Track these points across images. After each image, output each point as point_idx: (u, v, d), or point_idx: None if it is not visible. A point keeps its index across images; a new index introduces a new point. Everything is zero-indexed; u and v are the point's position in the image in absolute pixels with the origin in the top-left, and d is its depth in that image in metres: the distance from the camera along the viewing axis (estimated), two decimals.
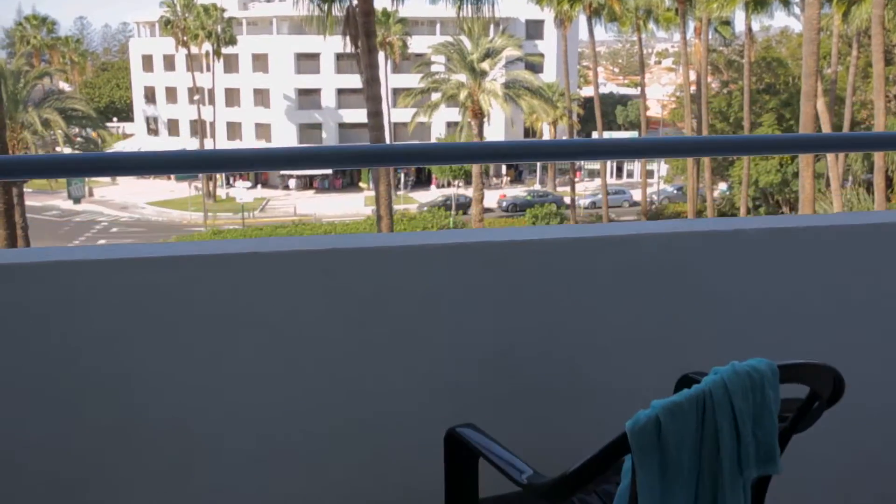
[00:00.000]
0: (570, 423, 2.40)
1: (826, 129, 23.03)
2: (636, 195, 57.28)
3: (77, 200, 56.52)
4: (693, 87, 42.59)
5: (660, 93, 63.48)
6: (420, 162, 2.43)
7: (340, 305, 2.23)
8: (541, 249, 2.34)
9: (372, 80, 20.17)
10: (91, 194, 60.90)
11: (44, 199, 54.07)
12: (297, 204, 60.72)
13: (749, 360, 1.62)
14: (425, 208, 54.71)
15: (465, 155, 2.44)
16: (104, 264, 2.12)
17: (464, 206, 54.78)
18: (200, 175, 58.63)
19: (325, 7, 29.51)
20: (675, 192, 58.61)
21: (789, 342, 2.48)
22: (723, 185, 49.41)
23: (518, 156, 2.50)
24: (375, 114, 20.11)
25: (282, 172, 60.94)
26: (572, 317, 2.37)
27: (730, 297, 2.46)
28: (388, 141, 27.91)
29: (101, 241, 50.72)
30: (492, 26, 46.30)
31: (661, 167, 56.18)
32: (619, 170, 62.26)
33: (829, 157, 26.64)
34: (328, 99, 61.57)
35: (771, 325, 2.49)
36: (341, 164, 2.54)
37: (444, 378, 2.33)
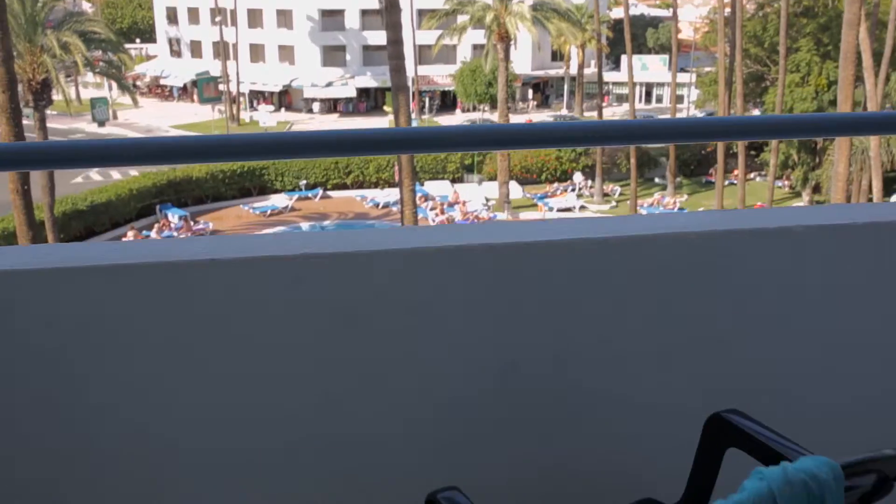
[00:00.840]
0: (583, 447, 2.11)
1: (866, 57, 22.02)
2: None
3: (101, 123, 56.31)
4: (727, 10, 41.11)
5: (693, 14, 61.46)
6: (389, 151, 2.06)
7: (311, 320, 1.93)
8: (546, 252, 2.01)
9: (391, 6, 19.41)
10: (115, 117, 60.71)
11: (68, 123, 54.01)
12: (321, 127, 60.04)
13: (804, 462, 1.28)
14: None
15: (452, 142, 2.07)
16: (41, 275, 1.84)
17: None
18: (224, 97, 58.15)
19: None
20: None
21: (837, 366, 2.15)
22: (756, 112, 48.17)
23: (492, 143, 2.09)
24: (395, 42, 19.43)
25: (306, 95, 60.29)
26: (584, 328, 2.05)
27: (769, 306, 2.11)
28: (408, 68, 27.11)
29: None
30: None
31: (691, 92, 54.81)
32: (649, 94, 60.89)
33: (869, 86, 25.62)
34: (352, 20, 60.29)
35: (815, 342, 2.15)
36: (342, 152, 2.17)
37: (434, 400, 2.03)
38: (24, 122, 34.42)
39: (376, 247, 1.98)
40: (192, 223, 36.79)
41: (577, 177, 40.97)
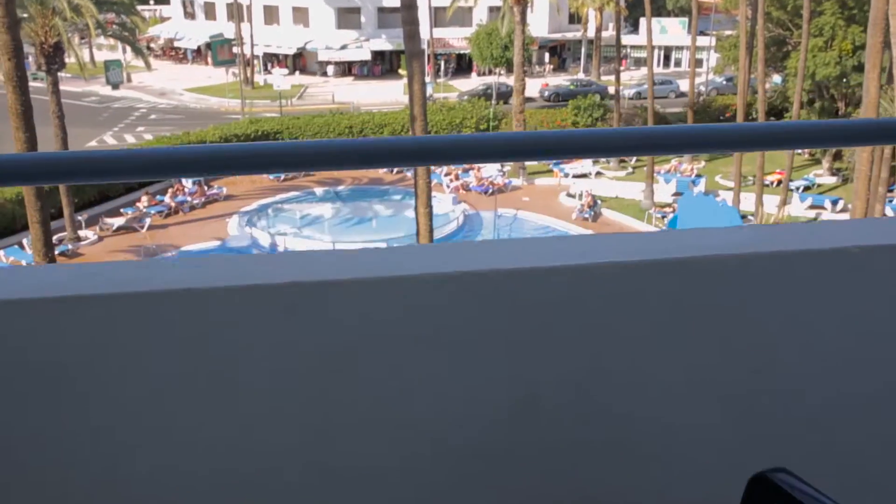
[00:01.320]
0: (611, 490, 1.91)
1: (894, 23, 21.40)
2: (683, 85, 55.32)
3: (115, 86, 56.10)
4: None
5: None
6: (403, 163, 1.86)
7: (304, 356, 1.73)
8: (566, 278, 1.79)
9: None
10: (129, 80, 60.41)
11: (82, 86, 53.76)
12: (335, 91, 59.81)
13: None
14: (465, 98, 53.42)
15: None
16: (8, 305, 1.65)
17: (505, 95, 53.38)
18: (238, 60, 57.71)
19: None
20: (725, 83, 56.42)
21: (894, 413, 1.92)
22: (776, 78, 47.32)
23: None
24: (409, 6, 18.99)
25: (320, 58, 59.72)
26: (609, 359, 1.84)
27: (818, 336, 1.89)
28: (423, 31, 26.56)
29: (140, 129, 50.61)
30: None
31: (710, 56, 53.90)
32: (667, 58, 60.00)
33: (895, 52, 24.92)
34: None
35: (865, 378, 1.93)
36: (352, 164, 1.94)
37: (446, 441, 1.84)
38: (38, 84, 34.30)
39: (380, 273, 1.78)
40: (205, 188, 36.68)
41: None
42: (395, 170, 40.30)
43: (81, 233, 31.39)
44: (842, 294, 1.82)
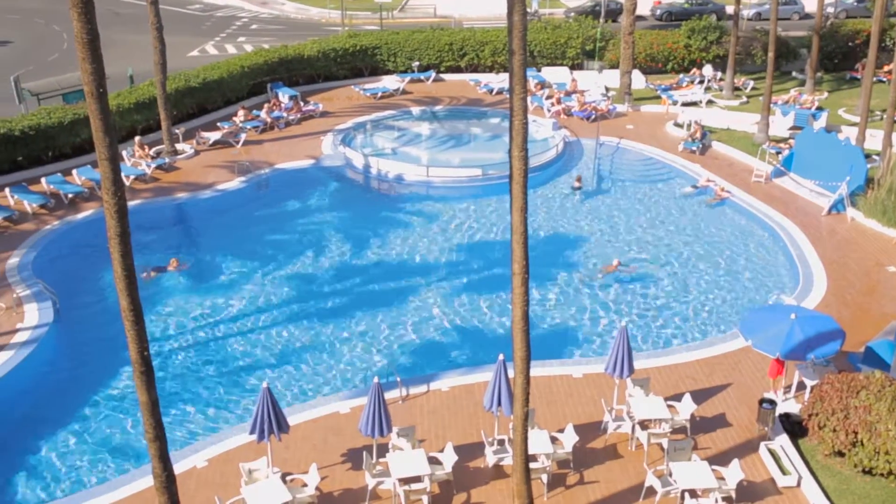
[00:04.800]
0: None
1: None
2: (809, 5, 51.33)
3: None
4: None
5: None
6: None
7: None
8: None
9: None
10: None
11: None
12: (437, 4, 58.18)
13: None
14: (571, 15, 51.02)
15: None
16: None
17: (614, 13, 50.74)
18: None
19: None
20: (856, 4, 52.06)
21: None
22: None
23: None
24: None
25: None
26: None
27: None
28: None
29: (241, 39, 50.36)
30: None
31: None
32: None
33: None
34: None
35: None
36: None
37: None
38: None
39: None
40: (301, 103, 36.20)
41: (707, 69, 37.88)
42: (495, 90, 38.84)
43: (178, 146, 31.46)
44: None
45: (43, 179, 27.40)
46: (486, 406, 15.02)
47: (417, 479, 14.61)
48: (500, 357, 14.81)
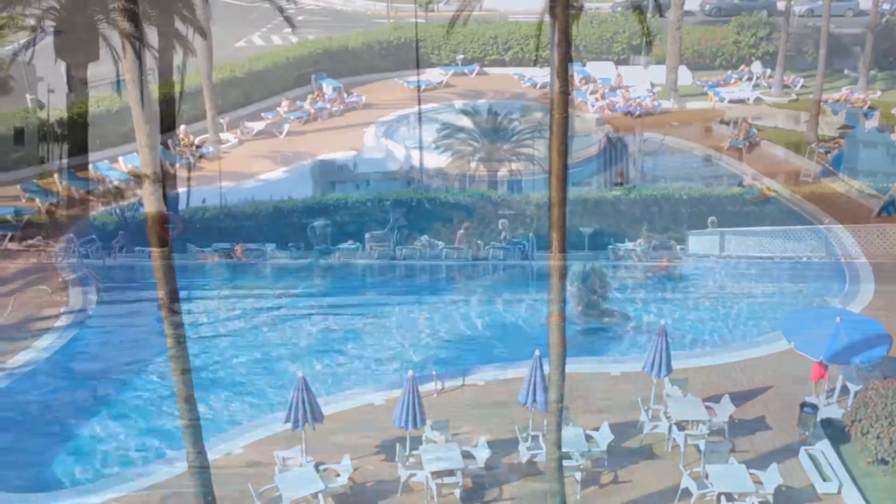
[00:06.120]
0: None
1: None
2: (864, 2, 50.11)
3: None
4: None
5: None
6: None
7: None
8: None
9: None
10: None
11: None
12: None
13: None
14: (618, 9, 50.45)
15: None
16: None
17: (662, 7, 50.00)
18: None
19: None
20: None
21: None
22: None
23: None
24: None
25: None
26: None
27: None
28: None
29: (287, 30, 50.65)
30: None
31: None
32: None
33: None
34: None
35: None
36: None
37: None
38: None
39: None
40: (345, 95, 36.32)
41: (756, 66, 37.20)
42: (539, 84, 38.60)
43: (223, 136, 31.76)
44: None
45: (90, 166, 27.91)
46: (522, 401, 14.95)
47: (450, 473, 14.59)
48: (536, 353, 14.72)
